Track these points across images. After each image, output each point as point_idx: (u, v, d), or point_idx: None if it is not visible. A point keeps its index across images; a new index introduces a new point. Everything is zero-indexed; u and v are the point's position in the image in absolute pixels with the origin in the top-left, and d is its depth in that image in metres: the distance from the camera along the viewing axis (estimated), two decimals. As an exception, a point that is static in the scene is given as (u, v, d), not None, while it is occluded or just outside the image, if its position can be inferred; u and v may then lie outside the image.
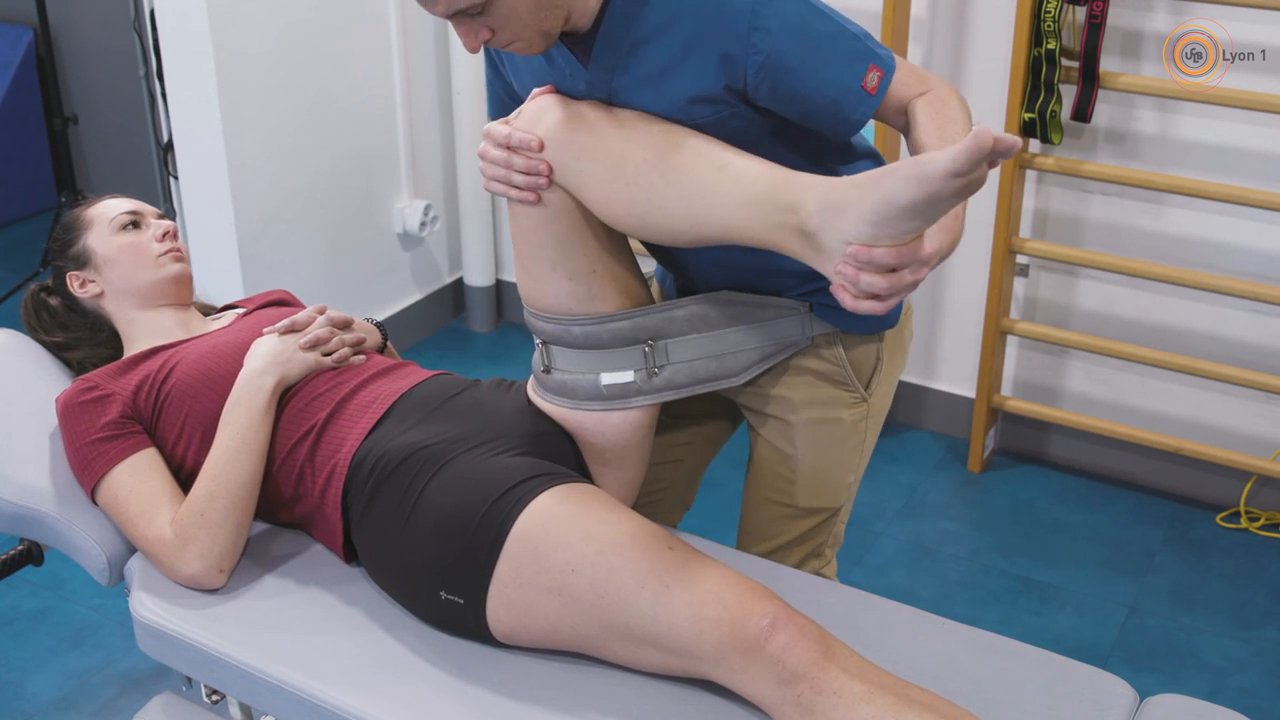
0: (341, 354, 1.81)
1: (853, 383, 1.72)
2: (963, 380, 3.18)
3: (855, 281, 1.33)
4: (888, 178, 1.29)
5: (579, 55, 1.53)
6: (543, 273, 1.60)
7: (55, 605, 2.63)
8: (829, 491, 1.78)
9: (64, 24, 4.35)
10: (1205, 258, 2.79)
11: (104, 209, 1.95)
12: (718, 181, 1.44)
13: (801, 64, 1.44)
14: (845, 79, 1.47)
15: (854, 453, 1.77)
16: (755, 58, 1.44)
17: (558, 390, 1.67)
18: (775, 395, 1.72)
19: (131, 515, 1.70)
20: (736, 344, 1.66)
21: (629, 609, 1.46)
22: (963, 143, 1.21)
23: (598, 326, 1.61)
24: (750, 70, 1.45)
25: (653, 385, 1.64)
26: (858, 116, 1.50)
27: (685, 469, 1.94)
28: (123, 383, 1.77)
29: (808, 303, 1.66)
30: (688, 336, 1.64)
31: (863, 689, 1.37)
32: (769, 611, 1.41)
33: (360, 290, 3.47)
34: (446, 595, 1.55)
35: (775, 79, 1.45)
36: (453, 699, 1.50)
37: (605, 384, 1.64)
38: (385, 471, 1.62)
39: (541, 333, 1.65)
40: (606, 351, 1.63)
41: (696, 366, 1.65)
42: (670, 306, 1.63)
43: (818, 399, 1.71)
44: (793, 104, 1.48)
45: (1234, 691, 2.42)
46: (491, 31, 1.44)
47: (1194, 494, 2.98)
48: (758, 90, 1.47)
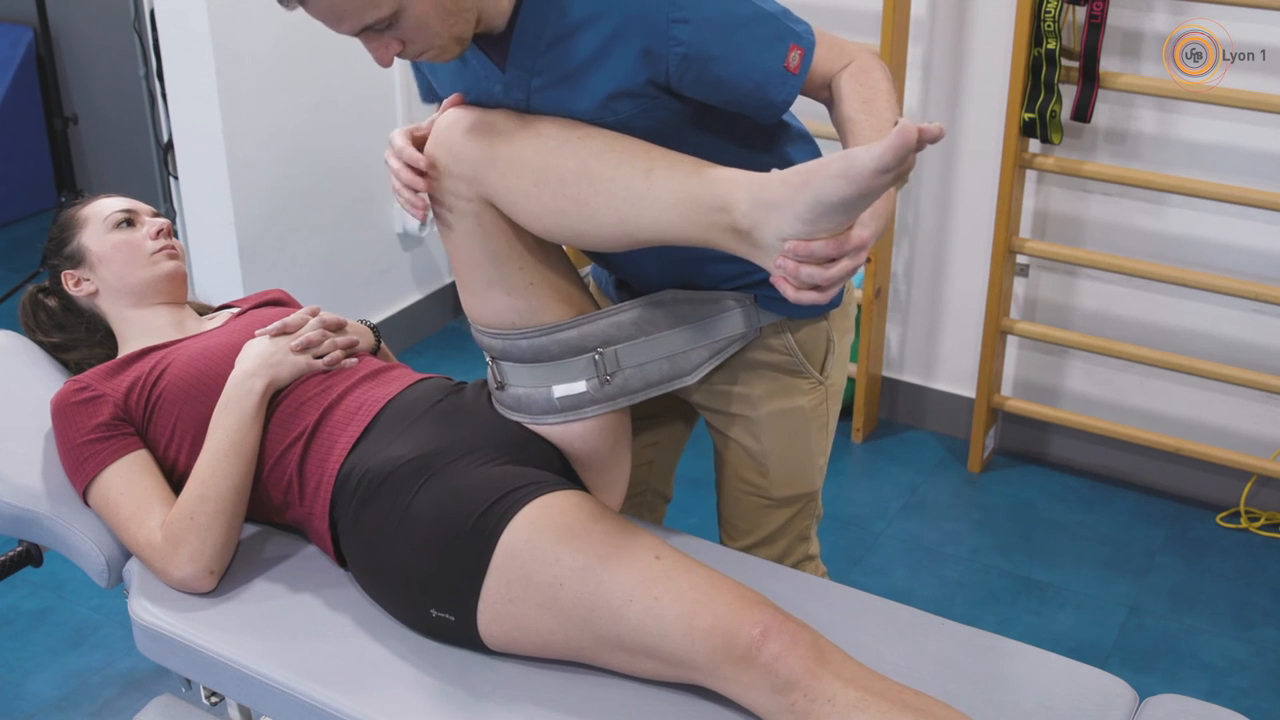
0: (333, 356, 1.80)
1: (806, 369, 1.73)
2: (963, 380, 3.18)
3: (796, 275, 1.34)
4: (816, 176, 1.29)
5: (493, 57, 1.50)
6: (480, 289, 1.59)
7: (55, 606, 2.63)
8: (802, 478, 1.80)
9: (64, 24, 4.35)
10: (1205, 258, 2.79)
11: (98, 207, 1.95)
12: (645, 186, 1.43)
13: (723, 51, 1.43)
14: (767, 61, 1.46)
15: (819, 436, 1.78)
16: (676, 49, 1.42)
17: (514, 406, 1.66)
18: (734, 393, 1.73)
19: (122, 518, 1.69)
20: (685, 343, 1.65)
21: (619, 622, 1.45)
22: (888, 141, 1.22)
23: (545, 338, 1.59)
24: (672, 62, 1.43)
25: (606, 393, 1.63)
26: (783, 98, 1.50)
27: (659, 468, 1.95)
28: (114, 384, 1.76)
29: (751, 295, 1.66)
30: (636, 340, 1.63)
31: (857, 696, 1.36)
32: (760, 620, 1.40)
33: (360, 290, 3.47)
34: (437, 613, 1.55)
35: (698, 69, 1.44)
36: (449, 702, 1.50)
37: (558, 396, 1.62)
38: (370, 488, 1.61)
39: (490, 349, 1.63)
40: (557, 363, 1.61)
41: (649, 370, 1.64)
42: (615, 311, 1.62)
43: (776, 390, 1.72)
44: (717, 91, 1.47)
45: (1234, 691, 2.42)
46: (402, 43, 1.42)
47: (1194, 494, 2.98)
48: (681, 81, 1.45)
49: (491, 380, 1.68)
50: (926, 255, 3.11)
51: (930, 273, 3.12)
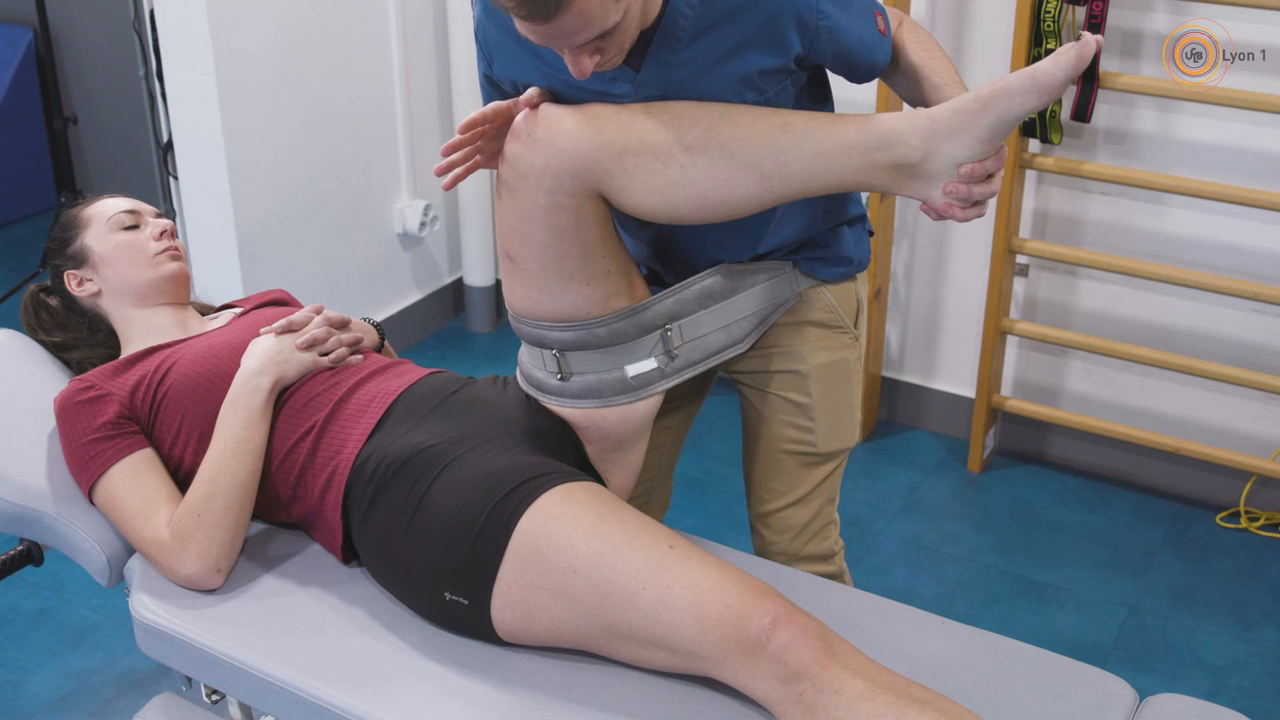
0: (338, 354, 1.81)
1: (847, 325, 1.81)
2: (962, 380, 3.18)
3: (969, 196, 1.48)
4: (999, 98, 1.43)
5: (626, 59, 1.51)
6: (559, 284, 1.59)
7: (55, 605, 2.63)
8: (845, 431, 1.85)
9: (64, 24, 4.35)
10: (1205, 258, 2.79)
11: (102, 208, 1.95)
12: (787, 140, 1.50)
13: (847, 22, 1.55)
14: (869, 27, 1.59)
15: (857, 390, 1.86)
16: (824, 22, 1.52)
17: (581, 394, 1.68)
18: (781, 351, 1.79)
19: (128, 516, 1.70)
20: (738, 311, 1.71)
21: (631, 609, 1.46)
22: (1076, 51, 1.39)
23: (623, 322, 1.63)
24: (820, 35, 1.52)
25: (674, 367, 1.68)
26: (884, 59, 1.63)
27: (667, 454, 1.96)
28: (120, 382, 1.77)
29: (790, 261, 1.74)
30: (697, 314, 1.68)
31: (864, 687, 1.37)
32: (770, 610, 1.41)
33: (360, 290, 3.47)
34: (451, 596, 1.56)
35: (836, 40, 1.54)
36: (453, 698, 1.50)
37: (632, 375, 1.66)
38: (388, 474, 1.62)
39: (558, 342, 1.64)
40: (628, 345, 1.65)
41: (708, 340, 1.70)
42: (681, 288, 1.67)
43: (823, 344, 1.79)
44: (841, 59, 1.59)
45: (1234, 691, 2.42)
46: (600, 53, 1.43)
47: (1194, 494, 2.98)
48: (821, 53, 1.55)
49: (549, 373, 1.68)
50: (926, 255, 3.11)
51: (930, 273, 3.13)
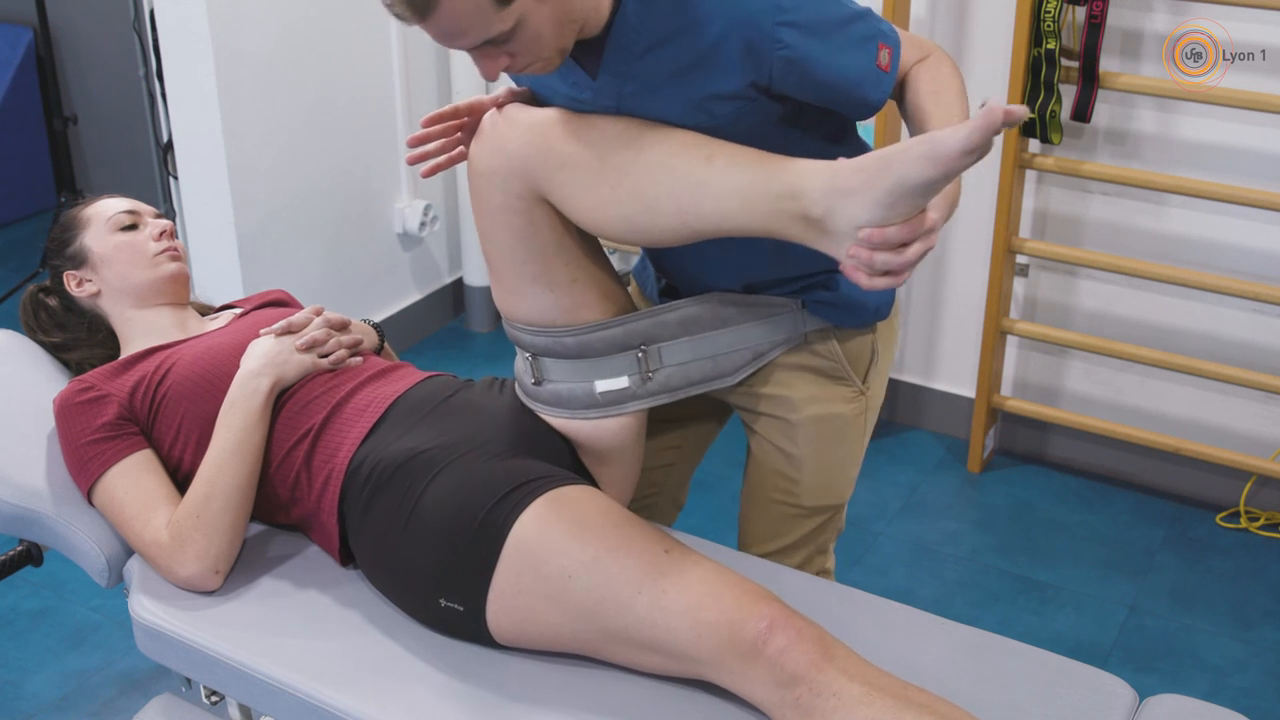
0: (338, 356, 1.80)
1: (850, 377, 1.71)
2: (962, 380, 3.18)
3: (870, 262, 1.35)
4: (898, 160, 1.30)
5: (584, 64, 1.49)
6: (523, 287, 1.59)
7: (55, 605, 2.63)
8: (835, 489, 1.78)
9: (64, 24, 4.35)
10: (1205, 258, 2.79)
11: (101, 208, 1.95)
12: (707, 174, 1.43)
13: (823, 53, 1.44)
14: (861, 61, 1.47)
15: (855, 447, 1.76)
16: (781, 52, 1.41)
17: (551, 401, 1.66)
18: (774, 395, 1.71)
19: (127, 517, 1.69)
20: (729, 345, 1.65)
21: (626, 614, 1.46)
22: (975, 121, 1.24)
23: (591, 335, 1.60)
24: (776, 64, 1.42)
25: (647, 389, 1.64)
26: (877, 97, 1.51)
27: (677, 471, 1.94)
28: (119, 383, 1.77)
29: (799, 300, 1.66)
30: (680, 340, 1.63)
31: (861, 691, 1.37)
32: (766, 614, 1.41)
33: (360, 290, 3.47)
34: (446, 602, 1.55)
35: (801, 70, 1.44)
36: (451, 700, 1.50)
37: (600, 391, 1.63)
38: (382, 478, 1.62)
39: (531, 346, 1.63)
40: (600, 359, 1.62)
41: (690, 369, 1.65)
42: (661, 310, 1.62)
43: (818, 396, 1.70)
44: (817, 91, 1.48)
45: (1234, 691, 2.42)
46: (511, 57, 1.41)
47: (1194, 494, 2.98)
48: (784, 83, 1.45)
49: (526, 377, 1.68)
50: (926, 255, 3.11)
51: (930, 273, 3.12)
